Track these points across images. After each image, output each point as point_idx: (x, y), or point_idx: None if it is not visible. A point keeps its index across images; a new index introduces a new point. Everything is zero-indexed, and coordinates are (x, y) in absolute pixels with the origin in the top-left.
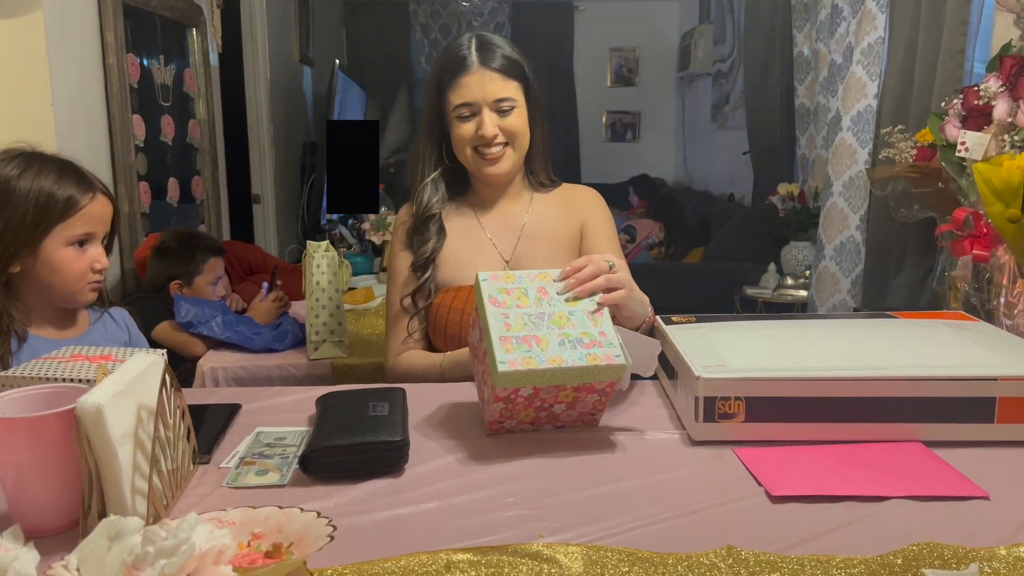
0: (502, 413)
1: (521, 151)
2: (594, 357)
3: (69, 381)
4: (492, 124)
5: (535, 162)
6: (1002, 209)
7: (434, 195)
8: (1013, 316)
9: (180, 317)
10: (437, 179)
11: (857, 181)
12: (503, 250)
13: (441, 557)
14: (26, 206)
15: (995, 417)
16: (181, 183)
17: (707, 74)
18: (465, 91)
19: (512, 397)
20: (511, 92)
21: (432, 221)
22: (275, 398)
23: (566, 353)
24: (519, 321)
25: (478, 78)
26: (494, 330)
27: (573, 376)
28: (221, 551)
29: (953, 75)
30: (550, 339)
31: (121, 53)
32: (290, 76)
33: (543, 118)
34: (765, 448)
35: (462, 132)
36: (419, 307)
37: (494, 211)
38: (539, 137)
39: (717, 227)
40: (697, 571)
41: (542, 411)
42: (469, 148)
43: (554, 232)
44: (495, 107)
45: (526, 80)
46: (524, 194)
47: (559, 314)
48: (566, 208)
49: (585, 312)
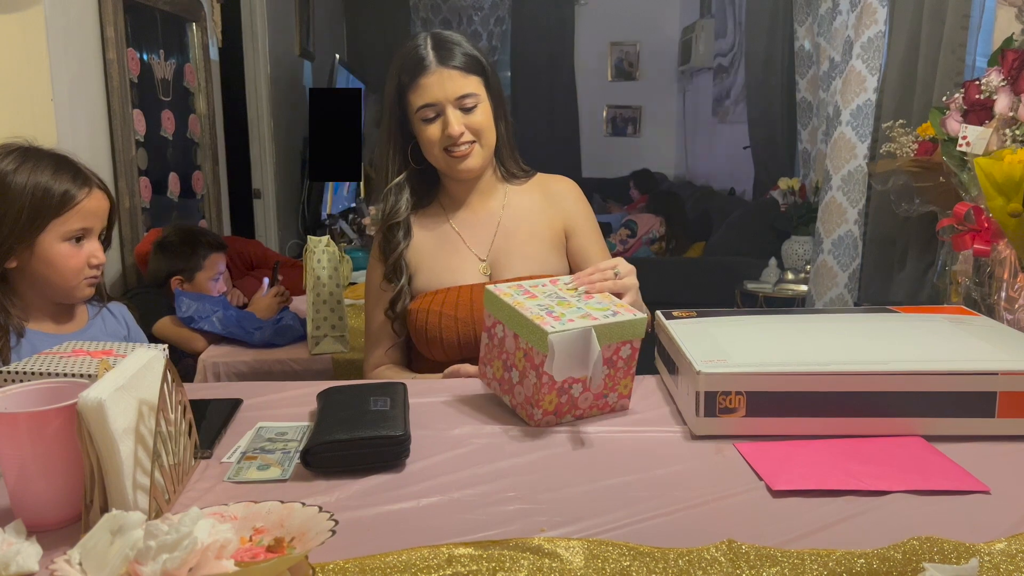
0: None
1: (489, 146)
2: (619, 316)
3: (70, 376)
4: (457, 122)
5: (503, 154)
6: (1003, 203)
7: (399, 200)
8: (1014, 310)
9: (181, 312)
10: (402, 183)
11: (856, 175)
12: (478, 250)
13: (442, 551)
14: (22, 201)
15: (996, 412)
16: (182, 178)
17: (708, 68)
18: (426, 92)
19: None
20: (472, 87)
21: (399, 227)
22: (276, 393)
23: (595, 314)
24: (540, 305)
25: (437, 77)
26: (525, 312)
27: (605, 333)
28: (223, 545)
29: (955, 69)
30: (573, 312)
31: (121, 48)
32: (290, 71)
33: (506, 109)
34: (766, 443)
35: (429, 134)
36: (397, 314)
37: (466, 209)
38: (503, 129)
39: (718, 222)
40: (698, 565)
41: (563, 394)
42: (438, 149)
43: (532, 225)
44: (458, 104)
45: (485, 74)
46: (498, 188)
47: (571, 296)
48: (544, 201)
49: (593, 295)
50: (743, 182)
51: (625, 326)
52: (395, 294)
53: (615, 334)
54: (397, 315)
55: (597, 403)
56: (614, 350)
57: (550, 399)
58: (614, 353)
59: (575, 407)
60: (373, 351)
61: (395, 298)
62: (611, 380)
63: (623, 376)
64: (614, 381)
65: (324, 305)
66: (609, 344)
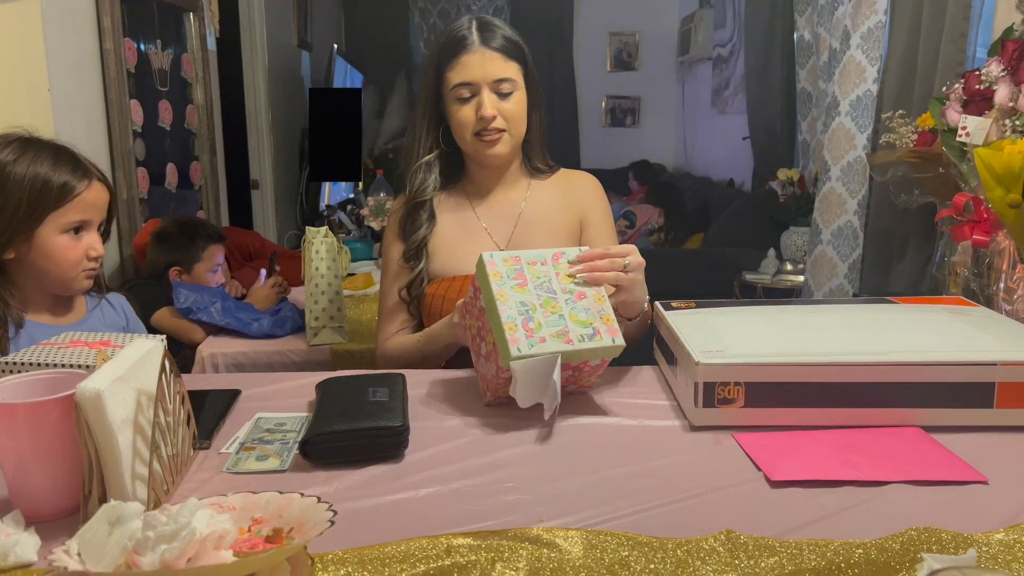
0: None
1: (518, 137)
2: (597, 339)
3: (68, 367)
4: (491, 105)
5: (532, 147)
6: (1003, 194)
7: (427, 179)
8: (1013, 301)
9: (179, 303)
10: (432, 162)
11: (856, 166)
12: (498, 239)
13: (441, 542)
14: (20, 192)
15: (994, 402)
16: (179, 169)
17: (707, 59)
18: (465, 70)
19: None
20: (511, 73)
21: (424, 207)
22: (275, 384)
23: (571, 333)
24: (523, 304)
25: (479, 57)
26: (502, 312)
27: (575, 356)
28: (222, 536)
29: (955, 59)
30: (553, 320)
31: (118, 37)
32: (288, 61)
33: (540, 102)
34: (764, 433)
35: (462, 116)
36: (412, 296)
37: (490, 198)
38: (536, 122)
39: (717, 213)
40: (696, 555)
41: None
42: (469, 132)
43: (552, 220)
44: (495, 88)
45: (525, 63)
46: (521, 180)
47: (563, 290)
48: (565, 196)
49: (587, 293)
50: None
51: (597, 352)
52: (413, 277)
53: (586, 356)
54: (413, 298)
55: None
56: (582, 363)
57: (504, 390)
58: (583, 364)
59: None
60: (385, 327)
61: (412, 281)
62: (572, 382)
63: (587, 377)
64: (576, 383)
65: (323, 296)
66: (577, 362)
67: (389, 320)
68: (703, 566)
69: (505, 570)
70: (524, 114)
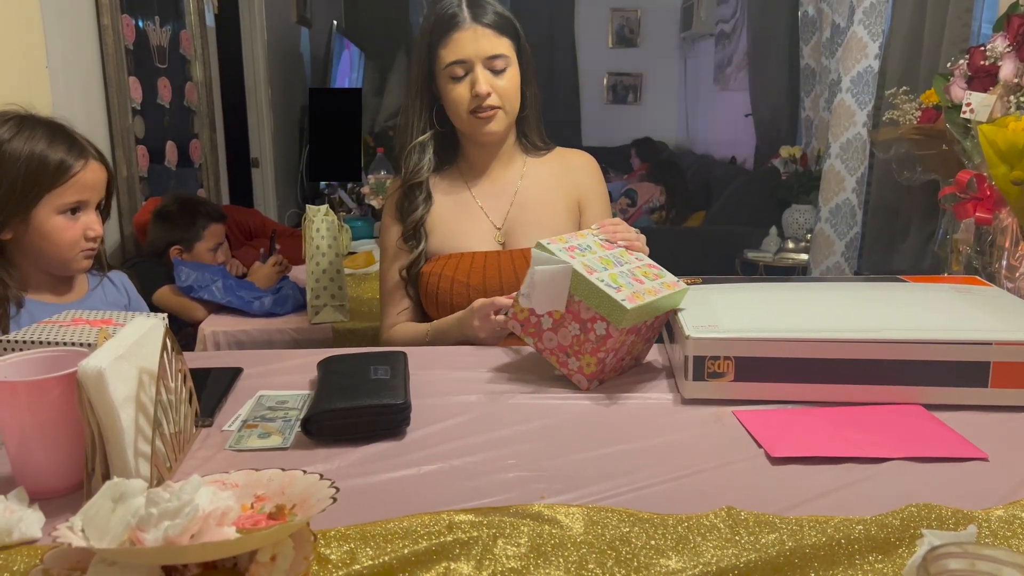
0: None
1: (513, 113)
2: (668, 285)
3: (70, 345)
4: (485, 82)
5: (528, 123)
6: (1006, 171)
7: (421, 160)
8: (1015, 279)
9: (181, 282)
10: (426, 143)
11: (855, 143)
12: (494, 217)
13: (443, 518)
14: (16, 171)
15: (989, 382)
16: (179, 147)
17: (710, 35)
18: (458, 48)
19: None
20: (504, 49)
21: (419, 188)
22: (277, 362)
23: (648, 284)
24: (596, 267)
25: (471, 34)
26: (595, 279)
27: (663, 305)
28: (224, 513)
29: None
30: (627, 278)
31: (116, 13)
32: (287, 38)
33: (534, 77)
34: (765, 410)
35: (457, 94)
36: (412, 276)
37: (486, 177)
38: (531, 98)
39: (719, 190)
40: (697, 532)
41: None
42: (464, 110)
43: (548, 198)
44: (488, 65)
45: (518, 38)
46: (517, 158)
47: (618, 255)
48: (562, 175)
49: (626, 256)
50: (744, 150)
51: (677, 296)
52: (413, 258)
53: (673, 302)
54: (412, 279)
55: (621, 364)
56: (663, 314)
57: (610, 373)
58: (656, 319)
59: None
60: (389, 310)
61: (412, 262)
62: (645, 338)
63: (643, 341)
64: (646, 337)
65: (324, 274)
66: (664, 312)
67: (392, 303)
68: (704, 542)
69: (507, 546)
70: (518, 90)
